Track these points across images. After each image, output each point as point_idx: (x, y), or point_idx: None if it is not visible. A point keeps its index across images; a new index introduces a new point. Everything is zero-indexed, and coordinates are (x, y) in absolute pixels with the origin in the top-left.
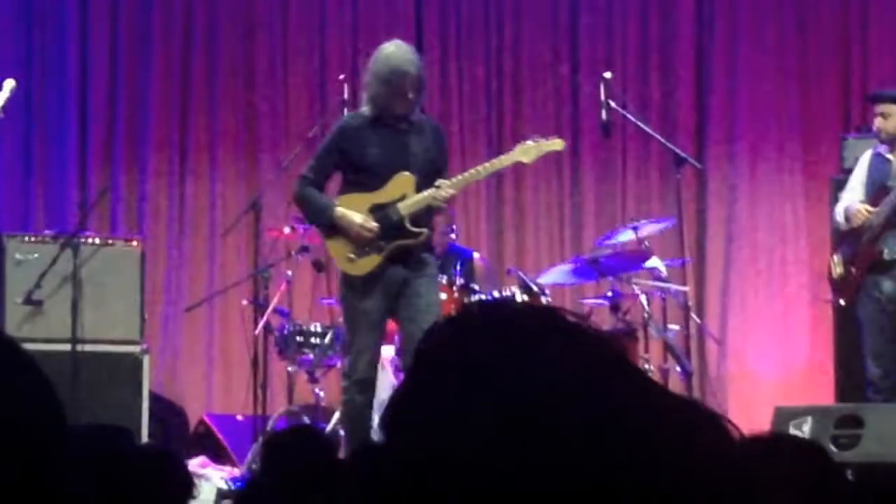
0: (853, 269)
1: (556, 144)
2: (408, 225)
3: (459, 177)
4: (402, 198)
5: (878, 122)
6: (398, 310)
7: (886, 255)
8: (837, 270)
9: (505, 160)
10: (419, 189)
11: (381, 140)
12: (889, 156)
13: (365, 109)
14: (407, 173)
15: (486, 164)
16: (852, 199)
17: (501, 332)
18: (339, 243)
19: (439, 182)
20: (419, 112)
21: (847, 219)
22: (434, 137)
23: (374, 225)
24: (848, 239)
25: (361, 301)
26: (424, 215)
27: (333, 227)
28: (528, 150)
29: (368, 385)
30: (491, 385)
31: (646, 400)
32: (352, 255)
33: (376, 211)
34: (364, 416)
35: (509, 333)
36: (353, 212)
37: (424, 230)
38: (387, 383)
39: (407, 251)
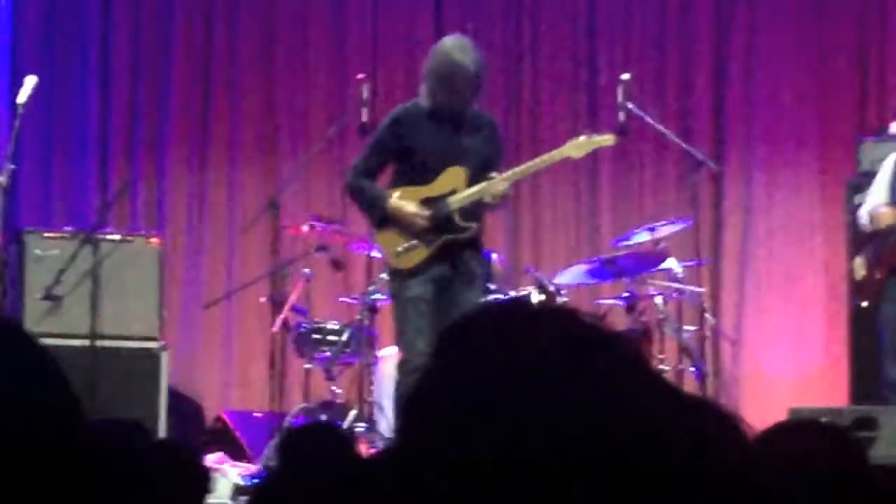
0: (877, 272)
1: (608, 140)
2: (457, 219)
3: (512, 171)
4: (453, 192)
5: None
6: (435, 310)
7: None
8: (861, 273)
9: (556, 155)
10: (471, 184)
11: (436, 133)
12: None
13: (422, 101)
14: (459, 168)
15: (538, 159)
16: (876, 201)
17: (518, 334)
18: (388, 236)
19: (492, 174)
20: (477, 107)
21: (871, 221)
22: (490, 133)
23: (426, 213)
24: (872, 241)
25: (409, 291)
26: (475, 210)
27: (384, 220)
28: (580, 145)
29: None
30: (508, 388)
31: (660, 400)
32: (400, 249)
33: (427, 204)
34: None
35: (526, 336)
36: (404, 200)
37: (473, 224)
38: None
39: (456, 249)
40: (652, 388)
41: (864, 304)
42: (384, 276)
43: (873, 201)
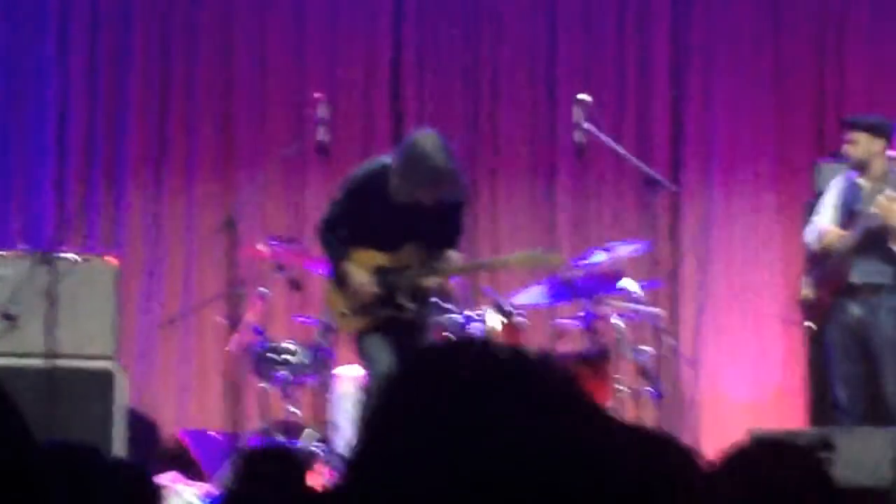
0: (821, 293)
1: (556, 260)
2: (402, 299)
3: (454, 266)
4: (407, 268)
5: (847, 148)
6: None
7: (855, 279)
8: (806, 293)
9: (502, 261)
10: (426, 263)
11: (399, 210)
12: (860, 181)
13: (391, 177)
14: (416, 246)
15: (485, 261)
16: (823, 222)
17: (459, 381)
18: (338, 296)
19: (435, 265)
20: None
21: (819, 240)
22: (455, 214)
23: (372, 291)
24: (818, 262)
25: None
26: (420, 293)
27: (339, 278)
28: (525, 260)
29: None
30: (449, 435)
31: (602, 437)
32: (345, 312)
33: (380, 274)
34: None
35: (466, 382)
36: (360, 269)
37: (416, 307)
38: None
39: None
40: (592, 421)
41: (811, 325)
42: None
43: (819, 222)
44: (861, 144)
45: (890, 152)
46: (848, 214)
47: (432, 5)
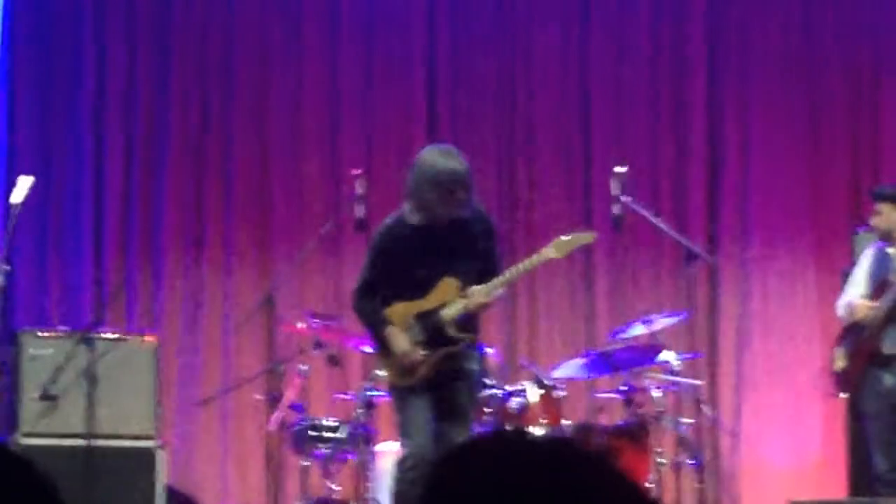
0: (855, 363)
1: (589, 237)
2: (451, 332)
3: (493, 282)
4: (446, 304)
5: (872, 219)
6: (432, 406)
7: (886, 349)
8: (839, 364)
9: (537, 259)
10: (465, 289)
11: (427, 248)
12: (890, 250)
13: (407, 215)
14: (451, 279)
15: (520, 265)
16: (855, 293)
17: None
18: (390, 360)
19: (471, 290)
20: (475, 208)
21: (849, 313)
22: (483, 234)
23: (418, 355)
24: (851, 333)
25: (413, 389)
26: (469, 319)
27: (383, 345)
28: (560, 245)
29: (422, 474)
30: None
31: None
32: (400, 370)
33: (421, 318)
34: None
35: (520, 469)
36: (400, 334)
37: (469, 335)
38: None
39: (452, 358)
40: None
41: (844, 395)
42: (380, 371)
43: (851, 293)
44: (885, 215)
45: None
46: (878, 284)
47: (465, 82)
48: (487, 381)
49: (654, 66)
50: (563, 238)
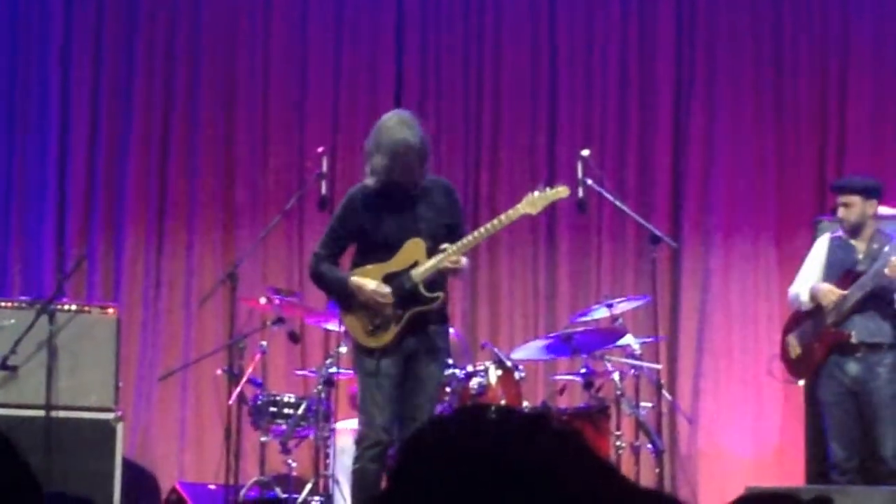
0: (815, 350)
1: (562, 192)
2: (422, 291)
3: (466, 238)
4: (415, 264)
5: (841, 212)
6: (398, 383)
7: (854, 337)
8: (796, 351)
9: (512, 214)
10: (431, 254)
11: (390, 210)
12: (853, 242)
13: (369, 181)
14: (417, 239)
15: (494, 221)
16: (812, 279)
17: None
18: (356, 317)
19: (444, 246)
20: (429, 175)
21: (812, 298)
22: (445, 198)
23: (386, 290)
24: (808, 319)
25: (377, 367)
26: (439, 280)
27: (350, 302)
28: (534, 202)
29: (381, 453)
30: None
31: (607, 489)
32: (370, 328)
33: (390, 280)
34: (375, 485)
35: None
36: (365, 277)
37: (439, 294)
38: None
39: (423, 321)
40: (601, 477)
41: (800, 382)
42: (342, 349)
43: (806, 280)
44: (857, 207)
45: (882, 209)
46: (844, 274)
47: (433, 60)
48: (449, 361)
49: (622, 48)
50: (536, 193)
